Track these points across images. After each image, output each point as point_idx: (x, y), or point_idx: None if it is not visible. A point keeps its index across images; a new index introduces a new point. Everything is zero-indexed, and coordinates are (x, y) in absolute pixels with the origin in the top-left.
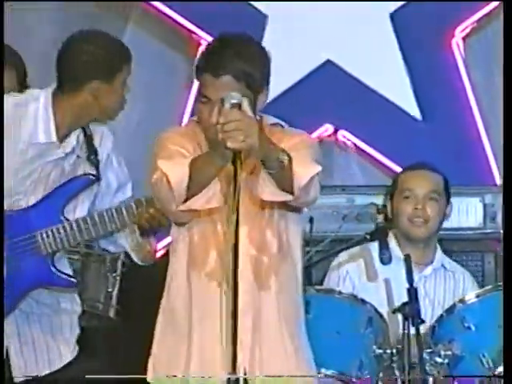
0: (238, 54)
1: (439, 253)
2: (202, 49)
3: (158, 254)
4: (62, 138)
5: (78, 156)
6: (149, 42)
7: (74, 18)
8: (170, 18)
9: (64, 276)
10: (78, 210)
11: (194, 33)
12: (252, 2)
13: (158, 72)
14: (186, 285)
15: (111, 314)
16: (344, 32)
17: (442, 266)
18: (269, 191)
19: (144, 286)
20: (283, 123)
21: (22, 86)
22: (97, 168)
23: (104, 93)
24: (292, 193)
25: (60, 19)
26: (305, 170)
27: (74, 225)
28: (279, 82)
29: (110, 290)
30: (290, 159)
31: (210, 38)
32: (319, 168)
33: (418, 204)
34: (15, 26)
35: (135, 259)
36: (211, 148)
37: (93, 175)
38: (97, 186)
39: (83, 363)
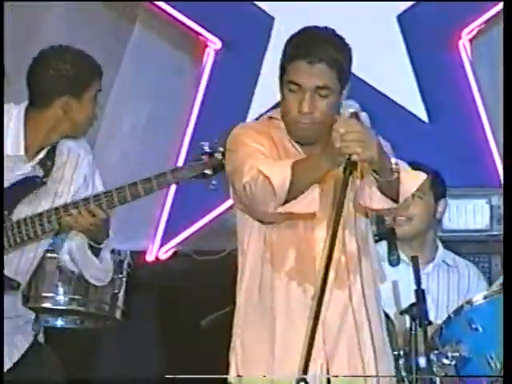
0: (331, 43)
1: (440, 250)
2: (288, 38)
3: (165, 256)
4: (33, 154)
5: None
6: (156, 43)
7: (81, 19)
8: (176, 19)
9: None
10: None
11: (201, 34)
12: (259, 4)
13: (164, 73)
14: (269, 285)
15: (117, 315)
16: (351, 34)
17: (444, 262)
18: (378, 199)
19: (150, 287)
20: (360, 110)
21: None
22: (46, 173)
23: (74, 108)
24: (396, 200)
25: (67, 19)
26: (412, 179)
27: (15, 225)
28: None
29: (116, 291)
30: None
31: (216, 40)
32: (425, 176)
33: None
34: (23, 25)
35: (88, 278)
36: (324, 150)
37: (38, 177)
38: (44, 188)
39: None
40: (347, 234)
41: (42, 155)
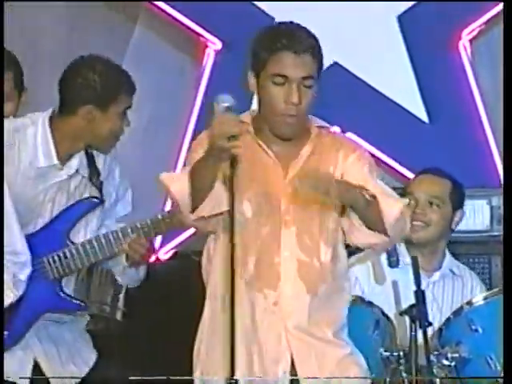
0: (309, 34)
1: (448, 258)
2: (266, 31)
3: (165, 257)
4: (64, 160)
5: (82, 177)
6: (156, 43)
7: (82, 19)
8: (177, 20)
9: (73, 300)
10: (83, 232)
11: (201, 35)
12: (259, 5)
13: (165, 73)
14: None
15: (118, 316)
16: (351, 34)
17: (451, 271)
18: (366, 235)
19: (150, 288)
20: (329, 125)
21: (19, 88)
22: (100, 190)
23: (97, 119)
24: (385, 232)
25: (68, 20)
26: (390, 206)
27: (80, 248)
28: None
29: (116, 292)
30: (374, 196)
31: (216, 41)
32: (405, 201)
33: (418, 208)
34: (24, 25)
35: (120, 281)
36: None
37: (97, 198)
38: (101, 207)
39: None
40: (322, 241)
41: (76, 162)
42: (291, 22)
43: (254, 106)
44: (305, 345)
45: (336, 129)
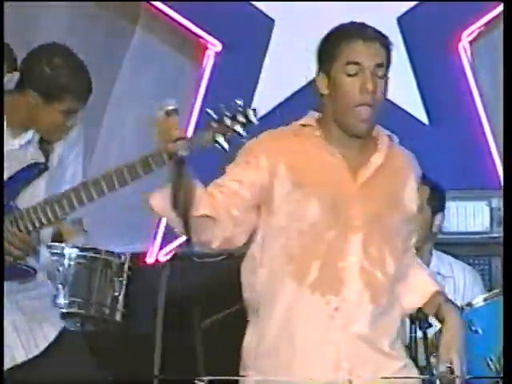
0: (376, 29)
1: (434, 262)
2: (334, 29)
3: (165, 258)
4: (18, 132)
5: (35, 148)
6: (156, 45)
7: (82, 20)
8: (177, 22)
9: (23, 267)
10: (27, 197)
11: (202, 37)
12: (259, 7)
13: (165, 75)
14: (291, 298)
15: (117, 317)
16: None
17: (438, 273)
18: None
19: (149, 289)
20: (393, 134)
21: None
22: (47, 157)
23: (40, 108)
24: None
25: (68, 22)
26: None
27: (25, 213)
28: (286, 86)
29: (116, 293)
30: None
31: (216, 43)
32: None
33: None
34: (24, 24)
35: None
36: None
37: (42, 163)
38: (48, 173)
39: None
40: (390, 257)
41: (29, 135)
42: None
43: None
44: (362, 354)
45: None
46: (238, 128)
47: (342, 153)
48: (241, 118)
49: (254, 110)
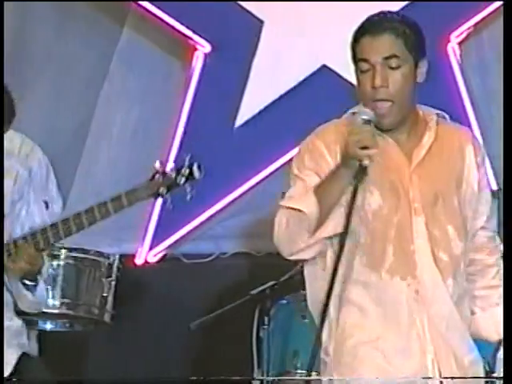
0: (396, 18)
1: None
2: (361, 22)
3: (154, 259)
4: None
5: None
6: (145, 46)
7: (70, 22)
8: (165, 23)
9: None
10: None
11: (190, 38)
12: (248, 8)
13: (154, 76)
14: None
15: (106, 318)
16: (340, 37)
17: None
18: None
19: (138, 290)
20: (445, 114)
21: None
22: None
23: None
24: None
25: (56, 24)
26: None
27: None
28: (276, 87)
29: (105, 294)
30: None
31: (206, 44)
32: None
33: None
34: (11, 27)
35: (21, 308)
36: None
37: None
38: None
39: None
40: (456, 236)
41: None
42: (385, 11)
43: (245, 108)
44: (443, 337)
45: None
46: (182, 181)
47: (394, 137)
48: (185, 172)
49: (200, 165)
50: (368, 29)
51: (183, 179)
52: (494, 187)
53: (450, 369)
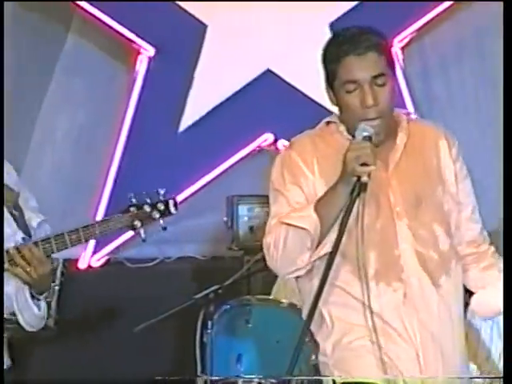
0: (371, 32)
1: None
2: (329, 42)
3: (97, 263)
4: None
5: None
6: (89, 51)
7: (15, 26)
8: (110, 27)
9: None
10: None
11: (134, 42)
12: (192, 12)
13: (98, 81)
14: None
15: (50, 323)
16: (284, 42)
17: None
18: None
19: (82, 295)
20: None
21: None
22: None
23: None
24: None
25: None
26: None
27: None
28: (220, 91)
29: (48, 299)
30: None
31: (149, 48)
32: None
33: None
34: None
35: (21, 322)
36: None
37: None
38: None
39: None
40: (442, 233)
41: None
42: (353, 26)
43: (189, 112)
44: (433, 343)
45: (269, 136)
46: (157, 216)
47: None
48: (161, 207)
49: (175, 200)
50: (352, 48)
51: (158, 214)
52: None
53: (436, 369)
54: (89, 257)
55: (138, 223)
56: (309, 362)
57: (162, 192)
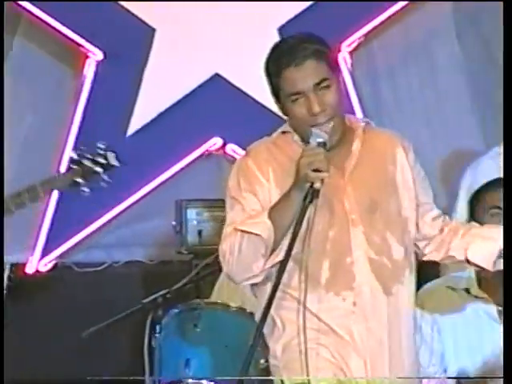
0: (309, 40)
1: None
2: (269, 55)
3: (45, 268)
4: None
5: None
6: (37, 54)
7: None
8: (57, 31)
9: None
10: None
11: (82, 46)
12: (140, 16)
13: (46, 84)
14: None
15: None
16: (232, 46)
17: None
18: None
19: (30, 299)
20: (369, 120)
21: None
22: None
23: None
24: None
25: None
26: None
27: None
28: (168, 96)
29: None
30: None
31: (97, 52)
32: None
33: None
34: None
35: None
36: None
37: None
38: None
39: None
40: (394, 242)
41: None
42: (291, 36)
43: (138, 116)
44: (380, 348)
45: (217, 140)
46: (99, 170)
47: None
48: (101, 161)
49: (115, 152)
50: (291, 60)
51: (100, 168)
52: None
53: (382, 373)
54: (36, 261)
55: (80, 180)
56: (258, 366)
57: (101, 146)
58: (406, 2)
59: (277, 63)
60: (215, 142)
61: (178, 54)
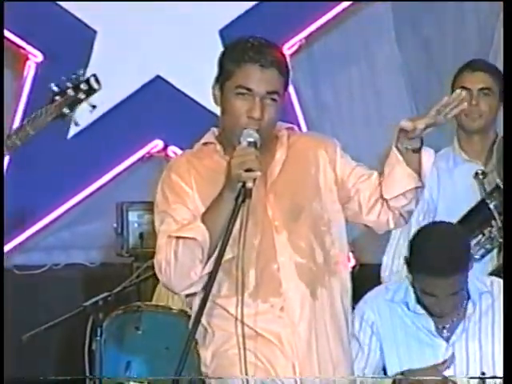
0: (276, 49)
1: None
2: (235, 44)
3: None
4: None
5: None
6: None
7: None
8: None
9: None
10: None
11: (22, 47)
12: (81, 18)
13: None
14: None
15: None
16: (174, 48)
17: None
18: (406, 178)
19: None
20: (294, 126)
21: None
22: None
23: None
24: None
25: None
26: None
27: None
28: (109, 97)
29: None
30: None
31: (37, 53)
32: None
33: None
34: None
35: None
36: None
37: None
38: None
39: None
40: (317, 246)
41: None
42: (261, 38)
43: (78, 118)
44: (308, 351)
45: (158, 142)
46: (83, 97)
47: None
48: (84, 87)
49: (95, 76)
50: (257, 58)
51: (83, 95)
52: None
53: (312, 381)
54: None
55: (66, 110)
56: (199, 371)
57: (81, 72)
58: (348, 4)
59: (241, 53)
60: (156, 144)
61: (119, 56)
